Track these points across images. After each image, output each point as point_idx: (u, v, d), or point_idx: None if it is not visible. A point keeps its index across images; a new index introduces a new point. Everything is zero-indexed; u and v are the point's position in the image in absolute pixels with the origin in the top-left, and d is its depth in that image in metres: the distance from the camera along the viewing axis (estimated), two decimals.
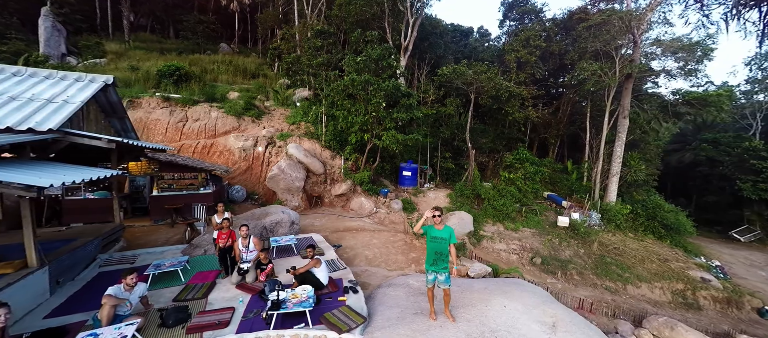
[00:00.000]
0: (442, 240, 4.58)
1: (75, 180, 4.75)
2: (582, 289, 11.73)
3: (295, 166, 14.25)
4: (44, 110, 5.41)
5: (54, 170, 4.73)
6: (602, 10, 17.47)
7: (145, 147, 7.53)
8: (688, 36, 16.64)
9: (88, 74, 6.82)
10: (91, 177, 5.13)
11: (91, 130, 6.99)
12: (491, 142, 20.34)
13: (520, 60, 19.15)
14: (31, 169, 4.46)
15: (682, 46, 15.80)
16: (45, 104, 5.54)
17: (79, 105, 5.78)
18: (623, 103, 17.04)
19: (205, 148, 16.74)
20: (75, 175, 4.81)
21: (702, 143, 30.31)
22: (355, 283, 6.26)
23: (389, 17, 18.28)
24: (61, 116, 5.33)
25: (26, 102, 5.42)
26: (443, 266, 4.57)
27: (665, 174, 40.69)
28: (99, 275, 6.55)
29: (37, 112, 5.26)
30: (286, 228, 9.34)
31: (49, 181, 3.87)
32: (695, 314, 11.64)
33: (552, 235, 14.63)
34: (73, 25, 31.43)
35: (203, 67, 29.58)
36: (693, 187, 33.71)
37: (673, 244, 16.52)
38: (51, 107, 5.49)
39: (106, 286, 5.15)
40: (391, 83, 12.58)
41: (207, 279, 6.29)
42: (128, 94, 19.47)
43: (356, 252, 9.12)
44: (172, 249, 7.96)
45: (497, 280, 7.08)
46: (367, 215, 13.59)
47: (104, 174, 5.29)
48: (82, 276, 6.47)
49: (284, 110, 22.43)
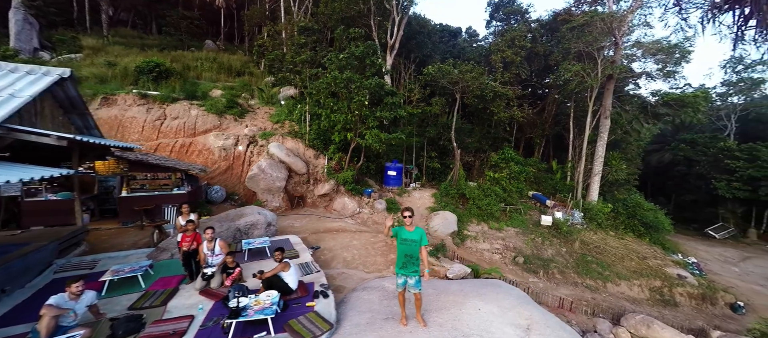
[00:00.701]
0: (413, 242, 4.40)
1: (22, 179, 4.36)
2: (563, 288, 11.79)
3: (276, 165, 13.87)
4: None
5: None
6: (585, 12, 17.67)
7: (107, 145, 7.09)
8: (667, 39, 17.06)
9: (42, 67, 6.36)
10: (42, 176, 4.74)
11: (46, 127, 6.52)
12: (477, 142, 20.38)
13: (505, 60, 19.24)
14: None
15: (661, 48, 16.14)
16: None
17: (26, 99, 5.35)
18: (605, 103, 17.30)
19: (184, 147, 16.15)
20: (18, 174, 4.42)
21: (680, 143, 31.23)
22: (326, 287, 6.02)
23: (375, 15, 18.07)
24: (4, 111, 4.90)
25: None
26: (413, 269, 4.39)
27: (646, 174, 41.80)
28: (52, 282, 6.11)
29: None
30: (261, 229, 9.01)
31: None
32: (672, 310, 11.85)
33: (535, 234, 14.70)
34: (46, 18, 29.99)
35: (186, 64, 28.63)
36: (672, 186, 34.74)
37: (651, 242, 16.87)
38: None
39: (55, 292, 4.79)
40: (374, 81, 12.37)
41: (169, 285, 5.94)
42: (102, 91, 18.69)
43: (334, 254, 8.87)
44: (136, 253, 7.54)
45: (475, 282, 6.97)
46: (350, 216, 13.34)
47: (53, 174, 4.90)
48: (34, 283, 6.03)
49: (269, 109, 21.90)
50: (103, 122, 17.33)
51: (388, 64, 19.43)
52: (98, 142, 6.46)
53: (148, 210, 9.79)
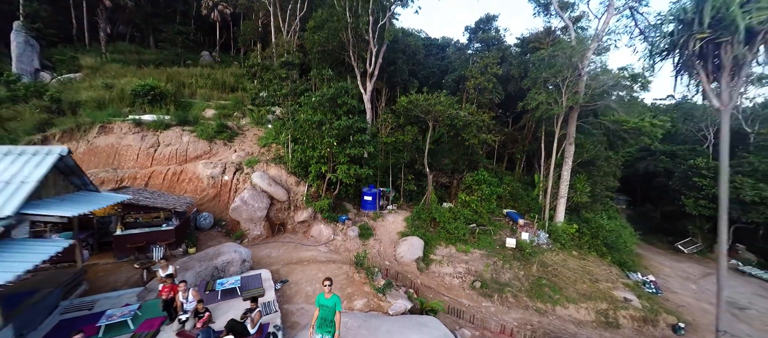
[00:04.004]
0: (328, 308, 5.83)
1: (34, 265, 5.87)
2: (514, 312, 13.21)
3: (258, 195, 15.36)
4: (4, 193, 6.46)
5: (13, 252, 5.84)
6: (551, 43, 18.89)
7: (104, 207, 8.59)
8: (631, 67, 18.29)
9: (45, 147, 7.84)
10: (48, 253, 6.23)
11: (49, 194, 8.03)
12: (453, 163, 21.73)
13: (479, 87, 20.51)
14: None
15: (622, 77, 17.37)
16: (3, 187, 6.59)
17: (35, 184, 6.84)
18: (569, 130, 18.57)
19: (175, 175, 17.69)
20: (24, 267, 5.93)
21: (660, 155, 32.31)
22: (278, 328, 7.51)
23: (354, 46, 19.39)
24: (18, 200, 6.39)
25: None
26: (328, 329, 5.83)
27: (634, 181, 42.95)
28: (60, 323, 7.63)
29: None
30: (237, 266, 10.51)
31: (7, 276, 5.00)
32: (613, 332, 13.23)
33: (497, 258, 16.10)
34: (46, 38, 31.53)
35: (181, 82, 30.16)
36: (655, 196, 35.86)
37: (612, 261, 18.21)
38: (9, 190, 6.55)
39: (65, 335, 6.35)
40: (344, 122, 13.78)
41: (152, 327, 7.45)
42: (100, 119, 20.22)
43: (299, 288, 10.35)
44: (128, 293, 9.07)
45: (406, 320, 8.41)
46: (325, 243, 14.82)
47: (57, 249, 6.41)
48: (45, 325, 7.56)
49: (258, 130, 23.37)
50: (100, 150, 18.98)
51: (368, 90, 20.81)
52: (92, 209, 7.94)
53: (140, 247, 11.33)
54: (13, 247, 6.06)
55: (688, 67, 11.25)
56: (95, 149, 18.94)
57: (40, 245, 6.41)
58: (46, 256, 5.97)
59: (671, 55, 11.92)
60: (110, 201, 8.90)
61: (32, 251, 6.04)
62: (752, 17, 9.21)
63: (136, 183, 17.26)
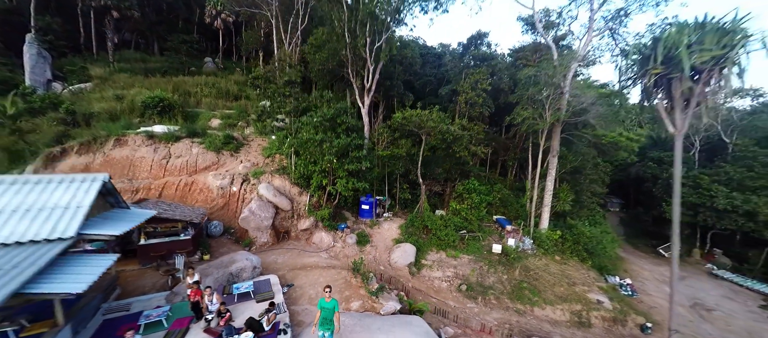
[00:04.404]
0: (329, 309, 7.40)
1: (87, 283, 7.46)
2: (496, 312, 14.80)
3: (264, 206, 16.94)
4: (65, 217, 8.00)
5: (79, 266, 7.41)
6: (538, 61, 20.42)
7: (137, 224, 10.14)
8: (611, 83, 19.85)
9: (90, 175, 9.40)
10: None
11: (94, 214, 9.59)
12: (446, 172, 23.29)
13: (469, 101, 22.05)
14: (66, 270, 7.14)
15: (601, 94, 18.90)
16: (64, 211, 8.14)
17: (88, 208, 8.39)
18: (553, 144, 20.12)
19: (187, 186, 19.26)
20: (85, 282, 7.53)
21: (648, 161, 33.84)
22: (287, 326, 9.09)
23: (353, 64, 20.92)
24: (77, 222, 7.94)
25: (51, 211, 8.04)
26: (328, 327, 7.40)
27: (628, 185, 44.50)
28: (104, 322, 9.22)
29: (59, 220, 7.88)
30: (249, 272, 12.10)
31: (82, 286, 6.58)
32: (585, 331, 14.82)
33: (484, 262, 17.68)
34: (57, 49, 33.05)
35: (186, 90, 31.71)
36: (644, 201, 37.40)
37: (592, 265, 19.79)
38: (69, 214, 8.10)
39: (110, 332, 7.95)
40: (343, 140, 15.34)
41: (183, 325, 9.03)
42: (115, 132, 21.74)
43: (303, 292, 11.94)
44: (157, 296, 10.65)
45: (395, 319, 9.99)
46: (325, 249, 16.41)
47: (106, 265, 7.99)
48: (92, 324, 9.14)
49: (262, 140, 24.92)
50: (116, 162, 20.53)
51: (366, 103, 22.35)
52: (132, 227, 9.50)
53: (162, 255, 12.91)
54: (78, 262, 7.63)
55: (648, 95, 12.80)
56: (111, 160, 20.47)
57: (97, 259, 7.98)
58: (104, 268, 7.54)
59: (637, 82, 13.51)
60: (143, 218, 10.47)
61: (93, 264, 7.62)
62: (696, 58, 10.74)
63: (150, 194, 18.84)
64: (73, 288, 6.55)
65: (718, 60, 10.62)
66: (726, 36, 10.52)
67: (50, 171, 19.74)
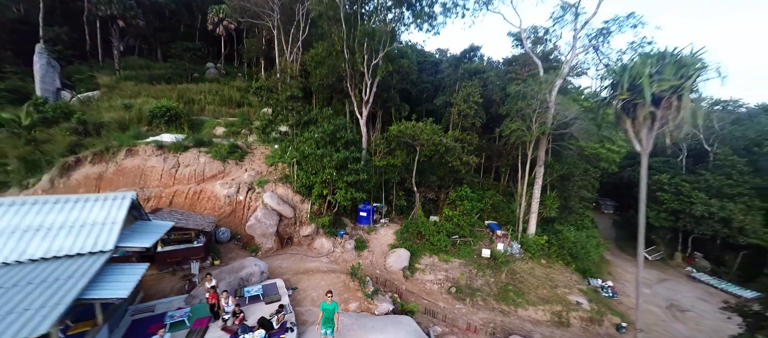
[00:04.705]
0: (330, 311, 8.84)
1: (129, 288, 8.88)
2: (482, 312, 16.25)
3: (269, 213, 18.36)
4: (104, 232, 9.41)
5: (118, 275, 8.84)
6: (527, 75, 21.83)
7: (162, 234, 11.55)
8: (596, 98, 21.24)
9: (120, 193, 10.81)
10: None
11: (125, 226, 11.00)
12: (439, 180, 24.72)
13: (462, 113, 23.48)
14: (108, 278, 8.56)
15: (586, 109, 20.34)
16: (102, 227, 9.54)
17: (121, 222, 9.81)
18: (539, 154, 21.56)
19: (196, 194, 20.65)
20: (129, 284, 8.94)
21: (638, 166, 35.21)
22: (293, 324, 10.53)
23: (351, 78, 22.32)
24: (114, 236, 9.34)
25: (91, 227, 9.44)
26: (329, 326, 8.84)
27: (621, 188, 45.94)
28: (133, 322, 10.65)
29: (99, 235, 9.28)
30: (257, 277, 13.53)
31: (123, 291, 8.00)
32: (564, 330, 16.27)
33: (473, 266, 19.13)
34: (65, 58, 34.36)
35: (191, 98, 33.10)
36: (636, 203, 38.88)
37: (576, 269, 21.25)
38: (106, 229, 9.50)
39: (139, 332, 9.38)
40: (342, 154, 16.76)
41: (203, 324, 10.47)
42: (126, 142, 23.12)
43: (306, 294, 13.37)
44: (177, 299, 12.07)
45: (387, 318, 11.43)
46: (326, 254, 17.84)
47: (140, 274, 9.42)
48: (122, 324, 10.57)
49: (265, 148, 26.33)
50: (128, 171, 21.92)
51: (364, 114, 23.76)
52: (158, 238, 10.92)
53: (178, 260, 14.34)
54: (116, 270, 9.04)
55: (618, 117, 14.24)
56: (123, 170, 21.85)
57: (132, 267, 9.39)
58: (140, 275, 8.97)
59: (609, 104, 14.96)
60: (164, 229, 11.89)
61: (129, 272, 9.04)
62: (657, 87, 12.17)
63: (161, 202, 20.23)
64: (118, 294, 7.99)
65: (675, 88, 12.06)
66: (683, 68, 11.94)
67: (65, 179, 21.13)
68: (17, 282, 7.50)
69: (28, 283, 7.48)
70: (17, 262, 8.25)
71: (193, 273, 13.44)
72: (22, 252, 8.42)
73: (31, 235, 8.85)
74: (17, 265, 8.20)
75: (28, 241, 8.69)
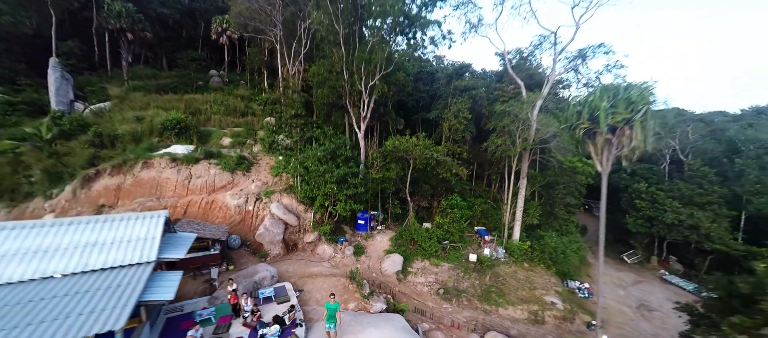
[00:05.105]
0: (333, 309, 11.08)
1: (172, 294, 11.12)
2: (466, 311, 18.53)
3: (276, 222, 20.59)
4: (144, 246, 11.61)
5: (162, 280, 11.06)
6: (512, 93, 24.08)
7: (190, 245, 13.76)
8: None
9: (156, 211, 13.02)
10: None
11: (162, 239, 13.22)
12: (432, 189, 26.98)
13: (452, 127, 25.72)
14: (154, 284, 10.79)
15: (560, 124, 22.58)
16: (144, 241, 11.75)
17: (160, 237, 12.02)
18: (522, 167, 23.83)
19: (208, 204, 22.85)
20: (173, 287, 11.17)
21: (622, 172, 37.61)
22: (301, 321, 12.79)
23: (350, 96, 24.52)
24: (155, 248, 11.54)
25: (136, 242, 11.65)
26: (332, 322, 11.08)
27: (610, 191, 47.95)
28: (167, 319, 12.90)
29: (143, 248, 11.48)
30: (269, 280, 15.77)
31: (169, 294, 10.24)
32: (539, 327, 18.55)
33: (460, 270, 21.40)
34: (77, 70, 36.46)
35: (197, 108, 35.22)
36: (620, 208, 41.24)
37: (556, 272, 23.54)
38: (148, 243, 11.71)
39: (173, 327, 11.64)
40: (342, 170, 19.00)
41: (226, 321, 12.72)
42: (142, 155, 25.28)
43: (311, 295, 15.62)
44: (202, 300, 14.31)
45: (381, 316, 13.68)
46: (328, 259, 20.09)
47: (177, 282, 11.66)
48: (159, 321, 12.81)
49: (269, 158, 28.51)
50: (145, 182, 24.10)
51: (362, 129, 25.96)
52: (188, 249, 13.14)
53: (198, 266, 16.57)
54: (160, 277, 11.27)
55: (581, 142, 16.49)
56: (140, 181, 24.02)
57: (172, 274, 11.61)
58: (178, 280, 11.20)
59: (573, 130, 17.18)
60: (191, 240, 14.09)
61: (170, 279, 11.27)
62: (611, 119, 14.40)
63: (176, 211, 22.43)
64: (166, 296, 10.23)
65: (627, 120, 14.30)
66: (633, 103, 14.18)
67: (86, 190, 23.32)
68: (89, 288, 9.73)
69: (97, 289, 9.72)
70: (82, 272, 10.48)
71: (213, 278, 15.69)
72: (85, 264, 10.65)
73: (90, 250, 11.07)
74: (82, 275, 10.43)
75: (89, 255, 10.92)
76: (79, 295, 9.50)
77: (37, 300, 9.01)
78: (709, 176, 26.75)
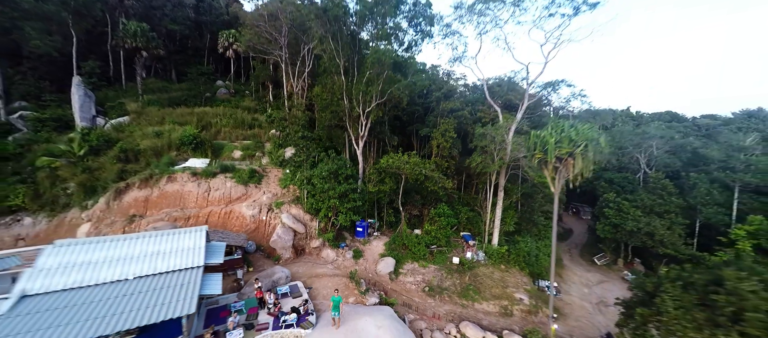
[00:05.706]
0: (336, 301, 15.17)
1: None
2: (446, 305, 22.65)
3: (286, 230, 24.67)
4: (194, 254, 15.62)
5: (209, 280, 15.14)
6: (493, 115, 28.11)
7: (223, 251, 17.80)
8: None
9: (199, 226, 17.05)
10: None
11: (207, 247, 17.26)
12: (423, 199, 31.08)
13: (440, 145, 29.81)
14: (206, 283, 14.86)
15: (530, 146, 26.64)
16: (192, 250, 15.76)
17: (204, 246, 16.05)
18: (500, 181, 27.93)
19: (226, 214, 26.89)
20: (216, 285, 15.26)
21: (602, 180, 41.74)
22: (312, 311, 16.91)
23: (350, 117, 28.54)
24: (202, 256, 15.56)
25: (188, 251, 15.67)
26: (337, 311, 15.17)
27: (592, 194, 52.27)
28: (207, 311, 17.00)
29: (193, 255, 15.50)
30: (284, 280, 19.87)
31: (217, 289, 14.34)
32: (507, 319, 22.67)
33: (444, 271, 25.53)
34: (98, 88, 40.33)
35: (208, 122, 39.14)
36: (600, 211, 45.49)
37: (529, 273, 27.67)
38: (196, 252, 15.72)
39: (215, 316, 15.81)
40: (343, 187, 23.05)
41: (254, 311, 16.81)
42: (166, 171, 29.22)
43: (318, 292, 19.73)
44: (231, 296, 18.40)
45: (374, 307, 17.78)
46: (331, 262, 24.18)
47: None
48: (201, 311, 16.91)
49: (277, 171, 32.53)
50: (170, 195, 28.10)
51: (361, 146, 30.00)
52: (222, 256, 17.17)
53: (225, 269, 20.66)
54: (207, 277, 15.35)
55: (537, 168, 20.54)
56: (165, 194, 28.04)
57: (214, 275, 15.69)
58: (221, 279, 15.28)
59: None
60: (223, 247, 18.17)
61: (215, 279, 15.35)
62: (557, 152, 18.45)
63: (198, 221, 26.42)
64: (216, 291, 14.31)
65: (570, 153, 18.36)
66: (573, 141, 18.24)
67: (118, 202, 27.35)
68: (163, 285, 13.80)
69: (168, 286, 13.79)
70: (153, 275, 14.55)
71: (240, 278, 19.79)
72: (155, 268, 14.71)
73: (156, 257, 15.13)
74: (153, 276, 14.50)
75: (156, 261, 14.97)
76: (156, 291, 13.57)
77: (129, 294, 13.08)
78: (669, 188, 30.83)
